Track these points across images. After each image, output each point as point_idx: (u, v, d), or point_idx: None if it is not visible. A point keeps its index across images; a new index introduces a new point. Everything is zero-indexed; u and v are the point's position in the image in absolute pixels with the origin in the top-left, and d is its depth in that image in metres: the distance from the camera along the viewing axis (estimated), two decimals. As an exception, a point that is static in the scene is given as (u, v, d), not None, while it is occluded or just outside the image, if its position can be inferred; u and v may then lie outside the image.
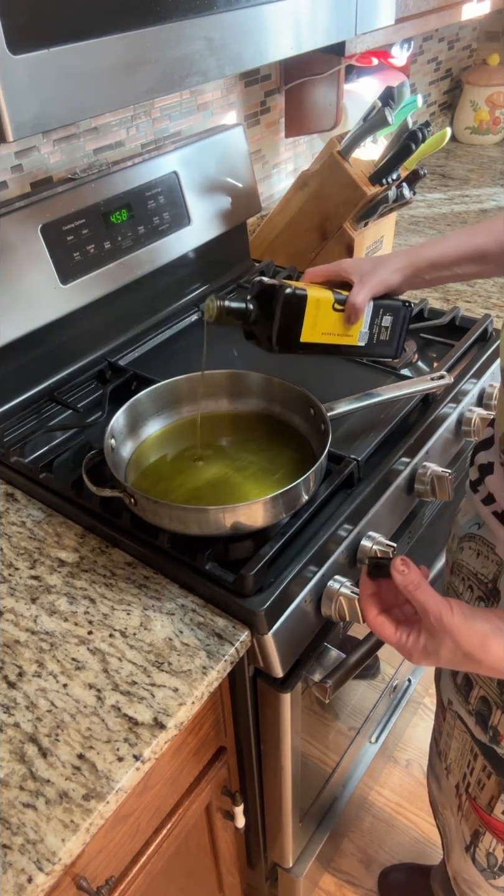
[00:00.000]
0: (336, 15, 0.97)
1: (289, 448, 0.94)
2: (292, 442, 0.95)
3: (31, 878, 0.59)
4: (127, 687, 0.72)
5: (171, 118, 1.33)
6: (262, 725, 0.91)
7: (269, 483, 0.88)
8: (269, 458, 0.92)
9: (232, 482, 0.89)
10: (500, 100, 2.20)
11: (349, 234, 1.39)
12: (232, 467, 0.91)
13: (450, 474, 0.99)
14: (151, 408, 0.96)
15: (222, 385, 0.99)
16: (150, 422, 0.97)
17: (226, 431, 0.98)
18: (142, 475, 0.91)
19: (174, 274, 1.30)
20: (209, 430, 0.98)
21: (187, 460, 0.93)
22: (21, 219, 1.01)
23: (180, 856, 0.92)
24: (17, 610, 0.81)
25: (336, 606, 0.83)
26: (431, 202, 1.87)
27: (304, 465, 0.90)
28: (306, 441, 0.94)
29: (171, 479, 0.90)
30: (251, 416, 0.99)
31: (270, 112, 1.57)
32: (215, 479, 0.90)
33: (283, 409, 0.98)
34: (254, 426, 0.98)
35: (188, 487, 0.88)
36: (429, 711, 1.69)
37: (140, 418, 0.95)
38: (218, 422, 0.99)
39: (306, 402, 0.93)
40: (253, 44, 0.85)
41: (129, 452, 0.94)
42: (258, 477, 0.90)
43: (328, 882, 1.41)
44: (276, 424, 0.98)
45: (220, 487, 0.88)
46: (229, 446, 0.95)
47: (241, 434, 0.97)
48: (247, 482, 0.89)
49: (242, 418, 0.99)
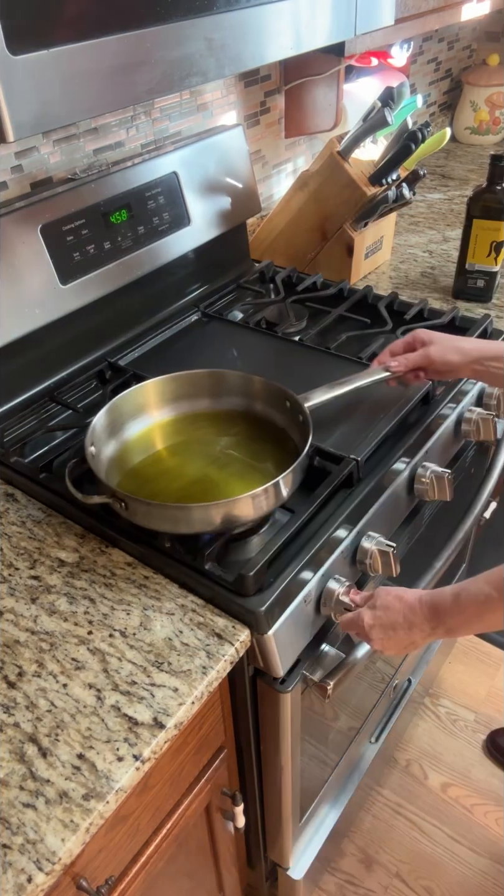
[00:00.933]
0: (336, 15, 0.97)
1: (271, 443, 0.95)
2: (274, 437, 0.96)
3: (30, 877, 0.59)
4: (127, 687, 0.72)
5: (171, 118, 1.33)
6: (262, 725, 0.91)
7: (253, 479, 0.89)
8: (252, 455, 0.93)
9: (217, 480, 0.90)
10: (500, 100, 2.20)
11: (349, 234, 1.39)
12: (216, 465, 0.92)
13: (450, 474, 0.99)
14: (132, 409, 0.97)
15: (203, 384, 1.00)
16: (131, 423, 0.97)
17: (208, 430, 0.98)
18: (126, 478, 0.91)
19: (174, 274, 1.30)
20: (192, 429, 0.98)
21: (170, 461, 0.94)
22: (21, 219, 1.02)
23: (180, 856, 0.92)
24: (17, 610, 0.81)
25: (335, 606, 0.84)
26: (431, 202, 1.87)
27: (286, 459, 0.91)
28: (287, 435, 0.95)
29: (155, 481, 0.90)
30: (232, 414, 1.00)
31: (270, 112, 1.57)
32: (200, 478, 0.90)
33: (262, 406, 0.99)
34: (235, 424, 0.99)
35: (174, 488, 0.89)
36: (429, 711, 1.69)
37: (120, 420, 0.96)
38: (200, 421, 1.00)
39: (282, 396, 0.95)
40: (253, 44, 0.85)
41: (111, 454, 0.94)
42: (242, 474, 0.90)
43: (328, 882, 1.41)
44: (257, 421, 0.99)
45: (206, 486, 0.89)
46: (212, 445, 0.96)
47: (224, 432, 0.98)
48: (232, 479, 0.89)
49: (224, 417, 1.00)
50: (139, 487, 0.89)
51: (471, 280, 1.39)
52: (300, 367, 1.16)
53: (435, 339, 0.96)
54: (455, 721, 1.67)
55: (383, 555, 0.89)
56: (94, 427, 0.89)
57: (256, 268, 1.44)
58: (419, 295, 1.43)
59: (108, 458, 0.93)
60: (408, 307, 1.29)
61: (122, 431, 0.96)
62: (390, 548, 0.89)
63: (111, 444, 0.94)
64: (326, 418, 1.03)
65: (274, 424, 0.97)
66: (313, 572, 0.83)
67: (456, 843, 1.46)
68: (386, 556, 0.89)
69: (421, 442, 1.01)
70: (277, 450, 0.93)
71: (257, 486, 0.77)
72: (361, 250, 1.44)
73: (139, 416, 0.98)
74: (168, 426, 0.99)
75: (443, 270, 1.52)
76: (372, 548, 0.89)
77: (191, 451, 0.95)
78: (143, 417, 0.98)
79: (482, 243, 1.35)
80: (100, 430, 0.91)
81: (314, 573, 0.83)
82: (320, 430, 0.99)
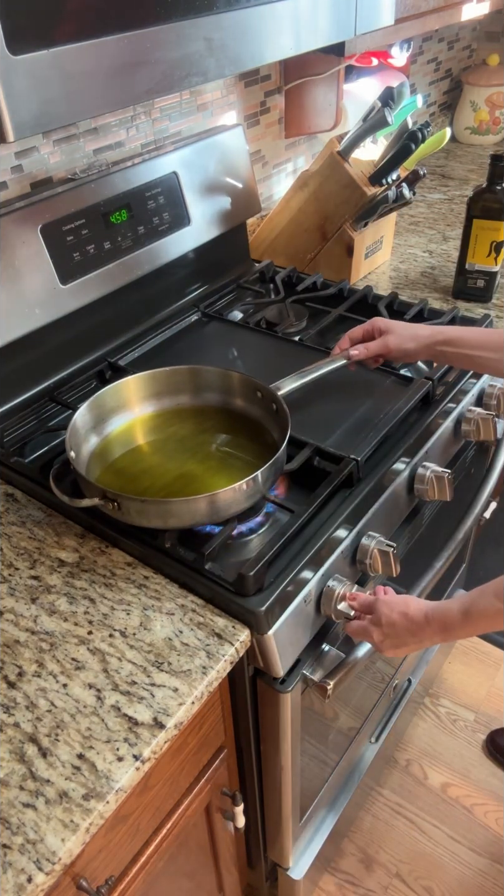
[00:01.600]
0: (335, 15, 0.97)
1: (250, 436, 0.96)
2: (252, 430, 0.97)
3: (30, 877, 0.59)
4: (127, 687, 0.72)
5: (171, 118, 1.33)
6: (262, 725, 0.91)
7: (236, 472, 0.90)
8: (233, 448, 0.95)
9: (199, 475, 0.91)
10: (500, 100, 2.20)
11: (349, 234, 1.39)
12: (196, 460, 0.93)
13: (449, 474, 0.99)
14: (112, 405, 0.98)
15: (183, 380, 1.01)
16: (112, 420, 0.98)
17: (188, 425, 1.00)
18: (110, 476, 0.92)
19: (174, 274, 1.30)
20: (173, 425, 1.00)
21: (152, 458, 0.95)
22: (21, 219, 1.02)
23: (180, 856, 0.92)
24: (17, 610, 0.81)
25: (335, 605, 0.84)
26: (431, 202, 1.87)
27: (266, 450, 0.92)
28: (264, 427, 0.97)
29: (139, 478, 0.91)
30: (212, 409, 1.02)
31: (270, 112, 1.57)
32: (184, 473, 0.91)
33: (241, 401, 1.01)
34: (215, 419, 1.00)
35: (160, 485, 0.89)
36: (429, 711, 1.69)
37: (99, 417, 0.96)
38: (180, 416, 1.01)
39: (253, 388, 0.97)
40: (252, 44, 0.85)
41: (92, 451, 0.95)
42: (225, 467, 0.91)
43: (328, 882, 1.41)
44: (235, 416, 1.00)
45: (190, 480, 0.90)
46: (193, 440, 0.97)
47: (204, 427, 0.99)
48: (214, 473, 0.90)
49: (204, 412, 1.01)
50: (124, 485, 0.90)
51: (471, 280, 1.39)
52: (300, 367, 1.16)
53: (392, 327, 1.01)
54: (455, 721, 1.67)
55: (383, 555, 0.89)
56: (72, 427, 0.89)
57: (256, 268, 1.44)
58: (419, 295, 1.43)
59: (89, 455, 0.94)
60: (408, 307, 1.29)
61: (103, 427, 0.97)
62: (390, 548, 0.89)
63: (92, 440, 0.95)
64: (326, 418, 1.03)
65: (251, 418, 0.99)
66: (313, 572, 0.83)
67: (456, 842, 1.46)
68: (386, 556, 0.89)
69: (421, 442, 1.01)
70: (257, 442, 0.95)
71: (239, 478, 0.78)
72: (361, 250, 1.44)
73: (120, 413, 0.99)
74: (149, 422, 1.00)
75: (443, 270, 1.52)
76: (372, 548, 0.89)
77: (172, 446, 0.96)
78: (123, 414, 1.00)
79: (482, 243, 1.35)
80: (80, 427, 0.92)
81: (314, 573, 0.83)
82: (320, 430, 0.99)
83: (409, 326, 1.01)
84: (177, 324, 1.29)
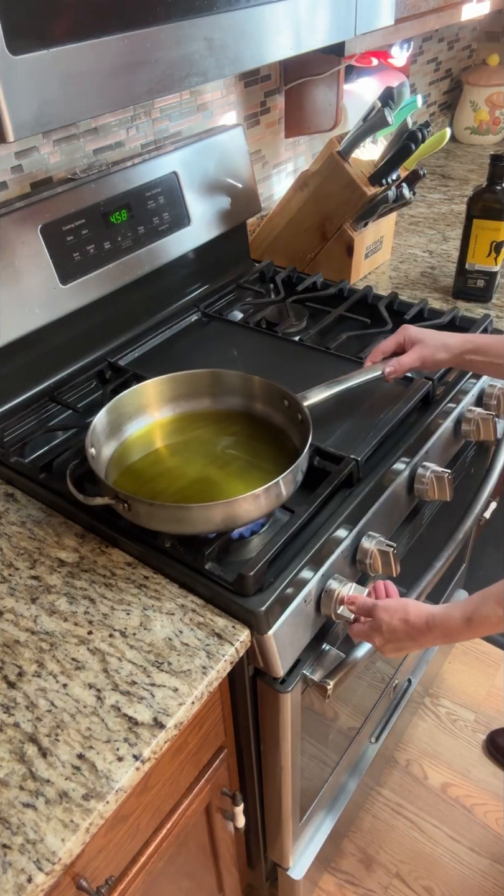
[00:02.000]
0: (335, 15, 0.97)
1: (270, 443, 0.95)
2: (273, 436, 0.96)
3: (30, 877, 0.59)
4: (127, 687, 0.72)
5: (171, 118, 1.33)
6: (262, 725, 0.91)
7: (253, 478, 0.89)
8: (252, 454, 0.93)
9: (216, 480, 0.90)
10: (500, 100, 2.20)
11: (349, 234, 1.39)
12: (215, 465, 0.92)
13: (450, 474, 0.99)
14: (131, 409, 0.97)
15: (203, 384, 1.00)
16: (131, 423, 0.97)
17: (208, 430, 0.98)
18: (126, 478, 0.91)
19: (174, 274, 1.30)
20: (191, 429, 0.98)
21: (170, 461, 0.94)
22: (21, 219, 1.02)
23: (180, 856, 0.92)
24: (17, 610, 0.81)
25: (335, 606, 0.84)
26: (431, 202, 1.87)
27: (286, 458, 0.91)
28: (286, 434, 0.95)
29: (155, 480, 0.90)
30: (232, 413, 1.00)
31: (270, 112, 1.57)
32: (200, 478, 0.90)
33: (261, 405, 0.99)
34: (235, 423, 0.99)
35: (175, 488, 0.89)
36: (429, 711, 1.69)
37: (120, 420, 0.96)
38: (200, 420, 1.00)
39: (280, 395, 0.95)
40: (252, 44, 0.85)
41: (111, 454, 0.94)
42: (242, 473, 0.90)
43: (328, 882, 1.41)
44: (256, 420, 0.99)
45: (206, 485, 0.89)
46: (212, 444, 0.96)
47: (223, 432, 0.98)
48: (232, 479, 0.89)
49: (223, 416, 1.00)
50: (139, 487, 0.89)
51: (471, 280, 1.39)
52: (300, 366, 1.16)
53: (423, 338, 1.00)
54: (455, 721, 1.67)
55: (383, 555, 0.89)
56: (94, 427, 0.89)
57: (256, 268, 1.44)
58: (419, 295, 1.43)
59: (108, 458, 0.93)
60: (408, 307, 1.29)
61: (122, 431, 0.96)
62: (390, 548, 0.89)
63: (111, 444, 0.94)
64: (326, 418, 1.03)
65: (273, 424, 0.97)
66: (313, 572, 0.83)
67: (456, 842, 1.46)
68: (386, 556, 0.89)
69: (421, 442, 1.01)
70: (277, 449, 0.93)
71: (257, 485, 0.77)
72: (361, 250, 1.44)
73: (139, 416, 0.98)
74: (168, 426, 0.99)
75: (443, 270, 1.52)
76: (372, 548, 0.89)
77: (190, 450, 0.95)
78: (143, 417, 0.98)
79: (482, 243, 1.35)
80: (100, 430, 0.91)
81: (314, 573, 0.83)
82: (320, 430, 0.99)
83: (438, 335, 0.99)
84: (177, 324, 1.29)
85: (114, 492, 0.80)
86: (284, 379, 0.97)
